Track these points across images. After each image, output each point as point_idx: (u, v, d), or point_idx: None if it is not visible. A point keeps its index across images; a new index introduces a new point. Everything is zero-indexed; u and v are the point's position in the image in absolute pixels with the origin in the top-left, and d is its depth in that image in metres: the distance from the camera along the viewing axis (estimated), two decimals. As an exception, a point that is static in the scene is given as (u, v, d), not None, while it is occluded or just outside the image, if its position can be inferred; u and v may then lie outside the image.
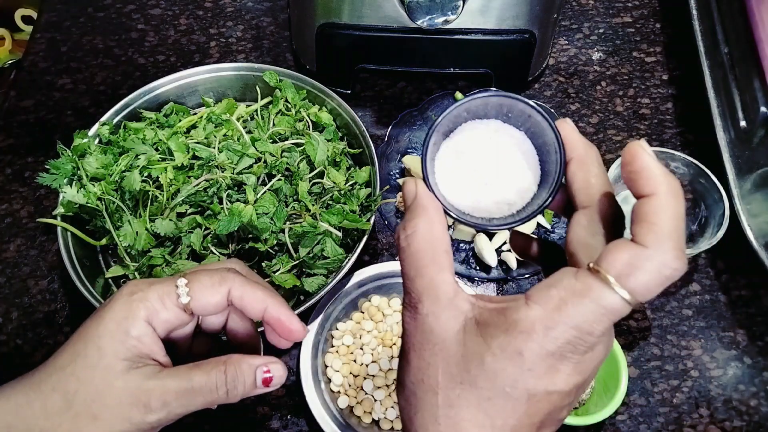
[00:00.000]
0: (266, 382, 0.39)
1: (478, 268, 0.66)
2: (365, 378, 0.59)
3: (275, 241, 0.59)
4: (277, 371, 0.40)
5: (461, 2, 0.62)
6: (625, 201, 0.69)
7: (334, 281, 0.58)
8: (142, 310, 0.38)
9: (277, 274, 0.58)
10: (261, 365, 0.39)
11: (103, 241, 0.61)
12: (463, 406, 0.30)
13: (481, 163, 0.36)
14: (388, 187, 0.66)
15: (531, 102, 0.35)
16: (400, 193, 0.69)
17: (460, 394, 0.30)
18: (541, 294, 0.29)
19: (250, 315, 0.41)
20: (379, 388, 0.59)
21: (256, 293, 0.40)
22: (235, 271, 0.41)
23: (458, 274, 0.62)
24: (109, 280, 0.61)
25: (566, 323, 0.28)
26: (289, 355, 0.61)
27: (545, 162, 0.36)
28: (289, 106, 0.68)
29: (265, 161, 0.62)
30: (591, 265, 0.28)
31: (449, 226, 0.68)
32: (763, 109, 0.65)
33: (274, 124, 0.66)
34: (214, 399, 0.38)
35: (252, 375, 0.39)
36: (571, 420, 0.54)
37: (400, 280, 0.64)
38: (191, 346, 0.43)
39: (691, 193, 0.66)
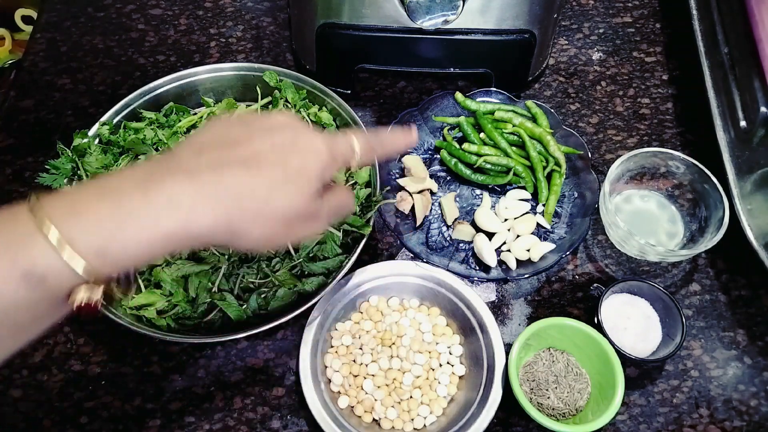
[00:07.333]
0: None
1: (477, 268, 0.66)
2: (365, 378, 0.59)
3: (275, 241, 0.59)
4: None
5: (461, 2, 0.62)
6: (628, 200, 0.69)
7: (334, 281, 0.58)
8: None
9: (277, 274, 0.58)
10: None
11: (103, 241, 0.61)
12: None
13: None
14: (388, 187, 0.66)
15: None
16: (400, 193, 0.69)
17: None
18: None
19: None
20: (379, 387, 0.59)
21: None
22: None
23: (458, 273, 0.62)
24: (109, 280, 0.61)
25: None
26: (289, 355, 0.61)
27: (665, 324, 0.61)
28: (289, 106, 0.68)
29: (265, 161, 0.62)
30: None
31: (449, 226, 0.68)
32: (763, 109, 0.65)
33: (274, 124, 0.66)
34: None
35: None
36: (569, 428, 0.53)
37: (399, 279, 0.64)
38: None
39: (691, 193, 0.66)
